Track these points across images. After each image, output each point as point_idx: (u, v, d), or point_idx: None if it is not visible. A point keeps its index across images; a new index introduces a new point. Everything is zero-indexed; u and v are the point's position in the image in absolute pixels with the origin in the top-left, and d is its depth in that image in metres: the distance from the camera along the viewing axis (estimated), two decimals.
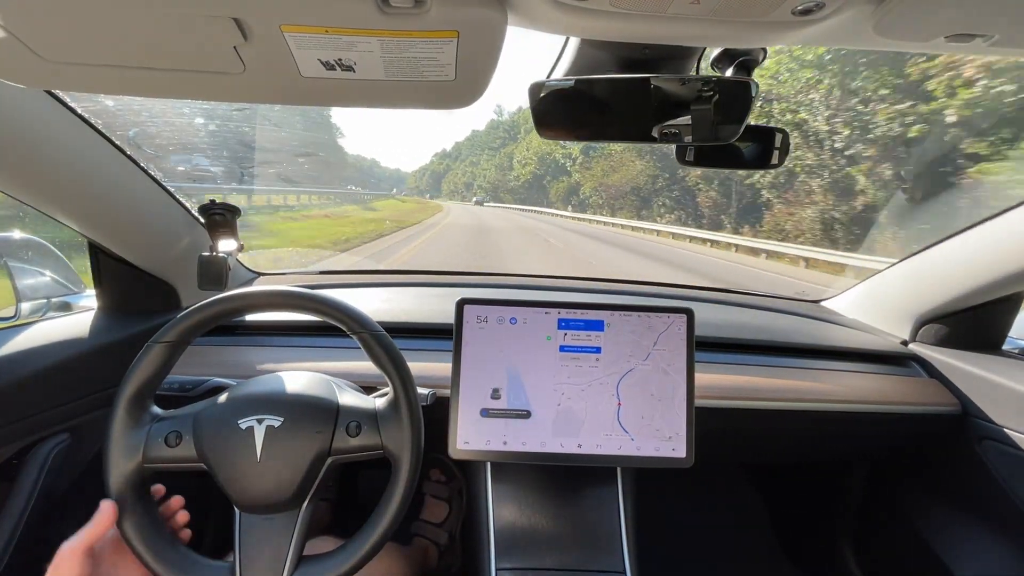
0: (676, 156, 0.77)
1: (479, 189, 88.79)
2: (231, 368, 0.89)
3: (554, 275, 1.48)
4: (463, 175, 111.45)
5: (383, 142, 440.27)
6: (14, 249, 0.94)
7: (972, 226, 0.93)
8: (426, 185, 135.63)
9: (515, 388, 0.78)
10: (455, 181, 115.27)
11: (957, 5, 0.37)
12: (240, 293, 0.64)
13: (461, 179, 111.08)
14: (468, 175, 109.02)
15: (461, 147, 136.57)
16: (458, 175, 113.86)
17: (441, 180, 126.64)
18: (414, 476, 0.62)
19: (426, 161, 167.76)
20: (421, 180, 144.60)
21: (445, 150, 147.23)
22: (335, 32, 0.39)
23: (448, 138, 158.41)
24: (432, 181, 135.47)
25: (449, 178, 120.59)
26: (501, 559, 0.79)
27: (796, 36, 0.43)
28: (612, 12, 0.40)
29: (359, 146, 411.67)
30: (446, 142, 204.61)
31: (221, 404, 0.62)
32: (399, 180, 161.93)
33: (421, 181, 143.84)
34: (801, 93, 12.98)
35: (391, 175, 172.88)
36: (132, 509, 0.58)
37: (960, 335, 1.04)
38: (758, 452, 1.20)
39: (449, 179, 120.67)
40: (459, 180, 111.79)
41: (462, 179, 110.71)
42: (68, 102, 0.70)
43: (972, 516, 0.98)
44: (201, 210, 0.85)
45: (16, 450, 0.74)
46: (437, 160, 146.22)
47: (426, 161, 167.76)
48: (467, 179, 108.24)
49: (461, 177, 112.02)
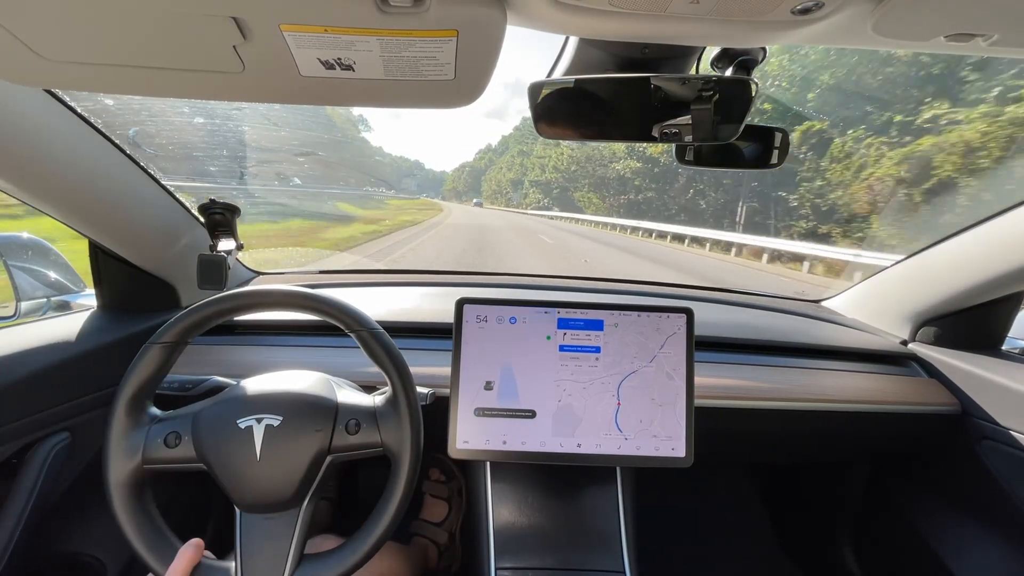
0: (676, 155, 0.77)
1: (535, 189, 56.73)
2: (230, 367, 0.89)
3: (554, 275, 1.48)
4: (509, 169, 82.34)
5: (425, 143, 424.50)
6: (14, 249, 0.94)
7: (972, 226, 0.93)
8: (465, 185, 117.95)
9: (508, 384, 0.78)
10: (498, 179, 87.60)
11: (956, 5, 0.37)
12: (238, 292, 0.64)
13: (507, 175, 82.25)
14: (516, 168, 78.96)
15: (508, 140, 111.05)
16: (502, 171, 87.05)
17: (481, 178, 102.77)
18: (414, 474, 0.62)
19: (469, 158, 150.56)
20: (459, 180, 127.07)
21: (490, 145, 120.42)
22: (334, 31, 0.39)
23: (497, 133, 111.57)
24: (471, 180, 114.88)
25: (492, 175, 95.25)
26: (501, 558, 0.79)
27: (795, 35, 0.43)
28: (611, 11, 0.40)
29: (403, 147, 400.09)
30: (492, 138, 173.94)
31: (220, 404, 0.62)
32: (441, 181, 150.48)
33: (459, 182, 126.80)
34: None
35: (435, 177, 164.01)
36: (132, 509, 0.58)
37: (960, 335, 1.04)
38: (758, 452, 1.20)
39: (492, 176, 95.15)
40: (503, 177, 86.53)
41: (507, 175, 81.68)
42: (68, 101, 0.70)
43: (972, 516, 0.98)
44: (201, 209, 0.85)
45: (16, 449, 0.74)
46: (480, 155, 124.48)
47: (469, 158, 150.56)
48: (515, 174, 78.74)
49: (507, 172, 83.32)
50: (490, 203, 79.45)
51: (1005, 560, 0.92)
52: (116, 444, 0.58)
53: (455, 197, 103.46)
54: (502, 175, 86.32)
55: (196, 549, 0.57)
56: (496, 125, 52.92)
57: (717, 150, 0.73)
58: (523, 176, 66.41)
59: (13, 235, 0.96)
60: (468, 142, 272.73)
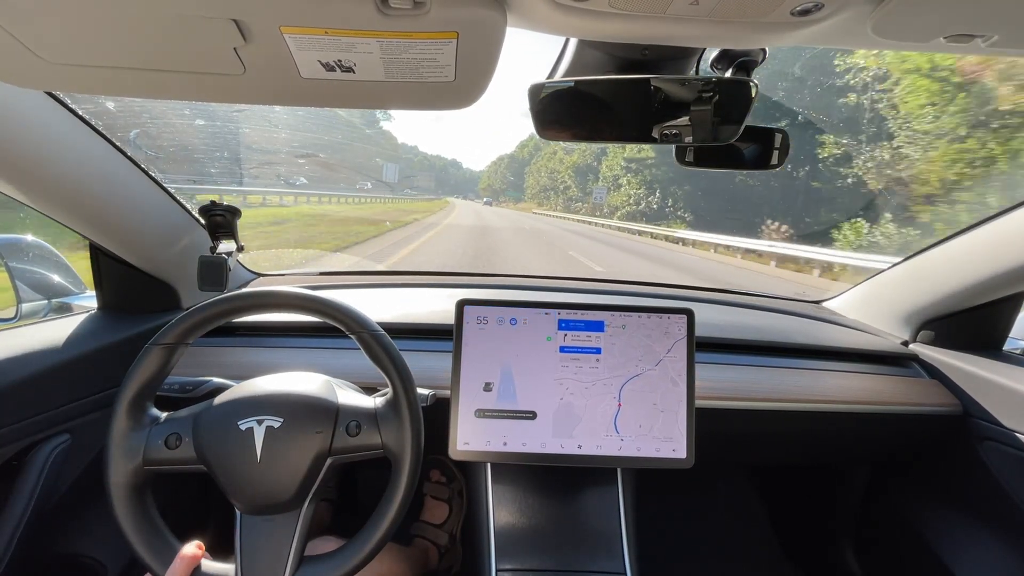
0: (676, 157, 0.77)
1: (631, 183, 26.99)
2: (231, 369, 0.89)
3: (554, 276, 1.48)
4: (567, 154, 46.93)
5: (463, 143, 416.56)
6: (14, 251, 0.94)
7: (972, 226, 0.93)
8: (502, 183, 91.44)
9: (508, 385, 0.78)
10: (553, 168, 54.82)
11: (955, 6, 0.37)
12: (240, 294, 0.64)
13: (567, 162, 47.60)
14: (587, 154, 39.25)
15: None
16: (558, 158, 52.39)
17: (525, 170, 73.48)
18: (414, 475, 0.62)
19: (510, 150, 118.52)
20: (495, 176, 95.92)
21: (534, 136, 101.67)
22: (335, 33, 0.39)
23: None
24: (511, 174, 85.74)
25: (540, 165, 61.03)
26: (501, 560, 0.79)
27: (795, 37, 0.43)
28: (611, 13, 0.40)
29: (440, 147, 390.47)
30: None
31: (221, 405, 0.62)
32: (476, 180, 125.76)
33: (495, 178, 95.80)
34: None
35: (471, 177, 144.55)
36: (133, 510, 0.58)
37: (961, 336, 1.04)
38: (758, 453, 1.20)
39: (537, 168, 62.09)
40: (560, 167, 51.34)
41: (569, 161, 46.55)
42: (68, 103, 0.70)
43: (973, 517, 0.98)
44: (201, 211, 0.85)
45: (16, 451, 0.74)
46: (521, 146, 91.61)
47: (510, 150, 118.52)
48: (584, 160, 41.77)
49: (566, 159, 47.78)
50: (536, 205, 50.38)
51: (1006, 561, 0.91)
52: (117, 445, 0.58)
53: (491, 197, 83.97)
54: (559, 164, 52.03)
55: (195, 551, 0.57)
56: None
57: (717, 151, 0.73)
58: (602, 164, 33.80)
59: (14, 237, 0.96)
60: (505, 140, 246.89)
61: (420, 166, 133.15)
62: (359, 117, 58.25)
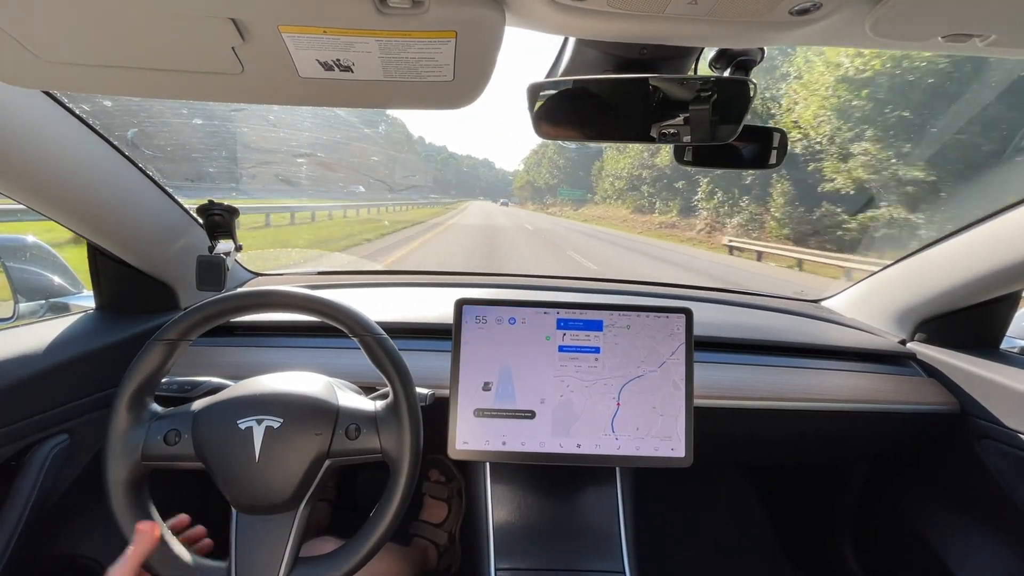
0: (674, 156, 0.77)
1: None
2: (231, 369, 0.89)
3: (553, 275, 1.48)
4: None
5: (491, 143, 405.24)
6: (12, 251, 0.93)
7: (970, 226, 0.93)
8: (551, 180, 69.37)
9: (507, 384, 0.78)
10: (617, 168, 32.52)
11: (953, 5, 0.37)
12: (244, 293, 0.64)
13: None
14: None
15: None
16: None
17: (592, 165, 46.37)
18: (413, 479, 0.62)
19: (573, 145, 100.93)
20: (538, 172, 74.63)
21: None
22: (333, 32, 0.39)
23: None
24: (567, 169, 65.79)
25: (614, 161, 34.80)
26: (500, 559, 0.79)
27: (793, 36, 0.44)
28: (610, 12, 0.40)
29: (471, 147, 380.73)
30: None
31: (221, 403, 0.62)
32: (507, 182, 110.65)
33: (538, 172, 74.88)
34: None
35: (503, 178, 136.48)
36: (130, 506, 0.58)
37: (958, 335, 1.04)
38: (757, 452, 1.20)
39: (612, 164, 35.55)
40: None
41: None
42: (66, 103, 0.70)
43: (971, 515, 0.99)
44: (199, 210, 0.85)
45: (15, 451, 0.74)
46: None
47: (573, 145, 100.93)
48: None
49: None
50: (604, 207, 35.22)
51: (1005, 559, 0.92)
52: (116, 440, 0.58)
53: (532, 199, 68.32)
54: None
55: (154, 530, 0.56)
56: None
57: (716, 150, 0.73)
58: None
59: (12, 237, 0.96)
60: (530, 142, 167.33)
61: (444, 166, 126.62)
62: (356, 116, 56.76)
